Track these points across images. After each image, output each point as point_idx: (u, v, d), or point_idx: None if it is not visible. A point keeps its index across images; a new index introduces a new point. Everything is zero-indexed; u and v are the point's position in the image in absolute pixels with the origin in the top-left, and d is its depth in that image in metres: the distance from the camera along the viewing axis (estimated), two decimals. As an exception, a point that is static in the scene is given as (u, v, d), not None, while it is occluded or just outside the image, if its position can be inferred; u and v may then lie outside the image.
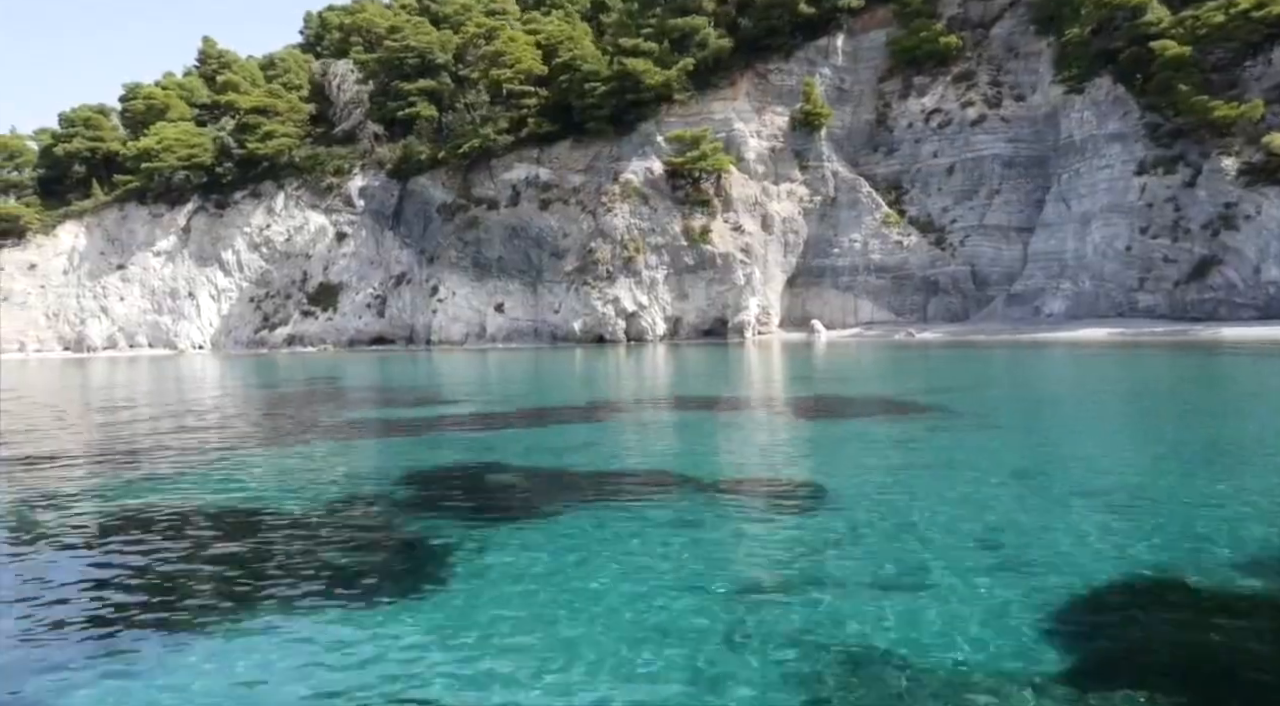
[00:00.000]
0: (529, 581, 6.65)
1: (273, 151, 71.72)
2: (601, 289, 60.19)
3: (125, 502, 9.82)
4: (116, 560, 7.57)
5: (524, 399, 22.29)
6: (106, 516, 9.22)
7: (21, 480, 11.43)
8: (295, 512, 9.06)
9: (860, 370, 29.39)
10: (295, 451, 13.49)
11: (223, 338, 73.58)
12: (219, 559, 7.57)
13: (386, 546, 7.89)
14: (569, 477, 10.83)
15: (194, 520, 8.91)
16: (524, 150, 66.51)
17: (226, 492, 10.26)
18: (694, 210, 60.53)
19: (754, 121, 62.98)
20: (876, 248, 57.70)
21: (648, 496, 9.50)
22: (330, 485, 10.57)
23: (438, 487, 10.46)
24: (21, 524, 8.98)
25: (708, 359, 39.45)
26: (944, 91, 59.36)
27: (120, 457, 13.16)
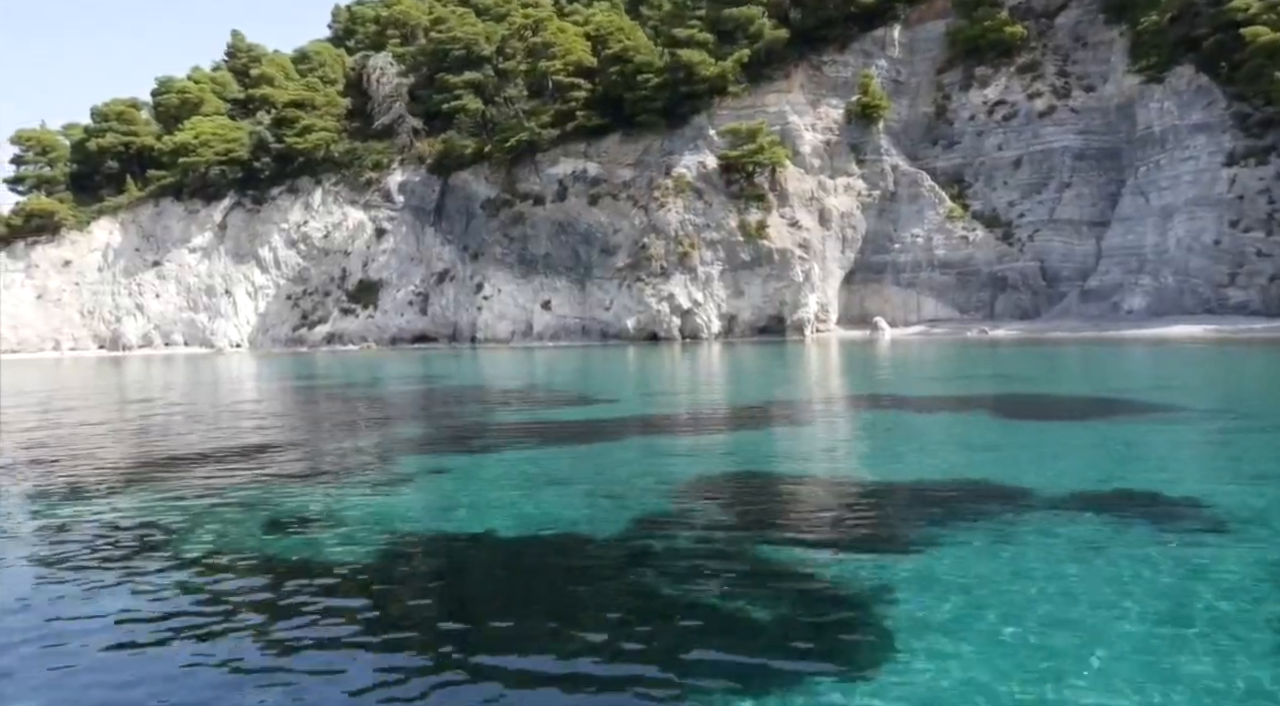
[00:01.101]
0: (1011, 622, 5.18)
1: (311, 146, 70.34)
2: (655, 285, 58.68)
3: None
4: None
5: (687, 397, 20.74)
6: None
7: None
8: (652, 550, 7.48)
9: (986, 367, 27.80)
10: (565, 465, 11.99)
11: (260, 336, 72.21)
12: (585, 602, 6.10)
13: (785, 590, 6.32)
14: (895, 491, 9.31)
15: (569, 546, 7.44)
16: (570, 144, 64.98)
17: (546, 520, 8.79)
18: (749, 205, 59.00)
19: (808, 114, 61.42)
20: (940, 243, 56.09)
21: (1029, 510, 7.97)
22: (639, 507, 9.04)
23: (767, 505, 8.92)
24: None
25: (791, 356, 37.92)
26: (1008, 83, 57.74)
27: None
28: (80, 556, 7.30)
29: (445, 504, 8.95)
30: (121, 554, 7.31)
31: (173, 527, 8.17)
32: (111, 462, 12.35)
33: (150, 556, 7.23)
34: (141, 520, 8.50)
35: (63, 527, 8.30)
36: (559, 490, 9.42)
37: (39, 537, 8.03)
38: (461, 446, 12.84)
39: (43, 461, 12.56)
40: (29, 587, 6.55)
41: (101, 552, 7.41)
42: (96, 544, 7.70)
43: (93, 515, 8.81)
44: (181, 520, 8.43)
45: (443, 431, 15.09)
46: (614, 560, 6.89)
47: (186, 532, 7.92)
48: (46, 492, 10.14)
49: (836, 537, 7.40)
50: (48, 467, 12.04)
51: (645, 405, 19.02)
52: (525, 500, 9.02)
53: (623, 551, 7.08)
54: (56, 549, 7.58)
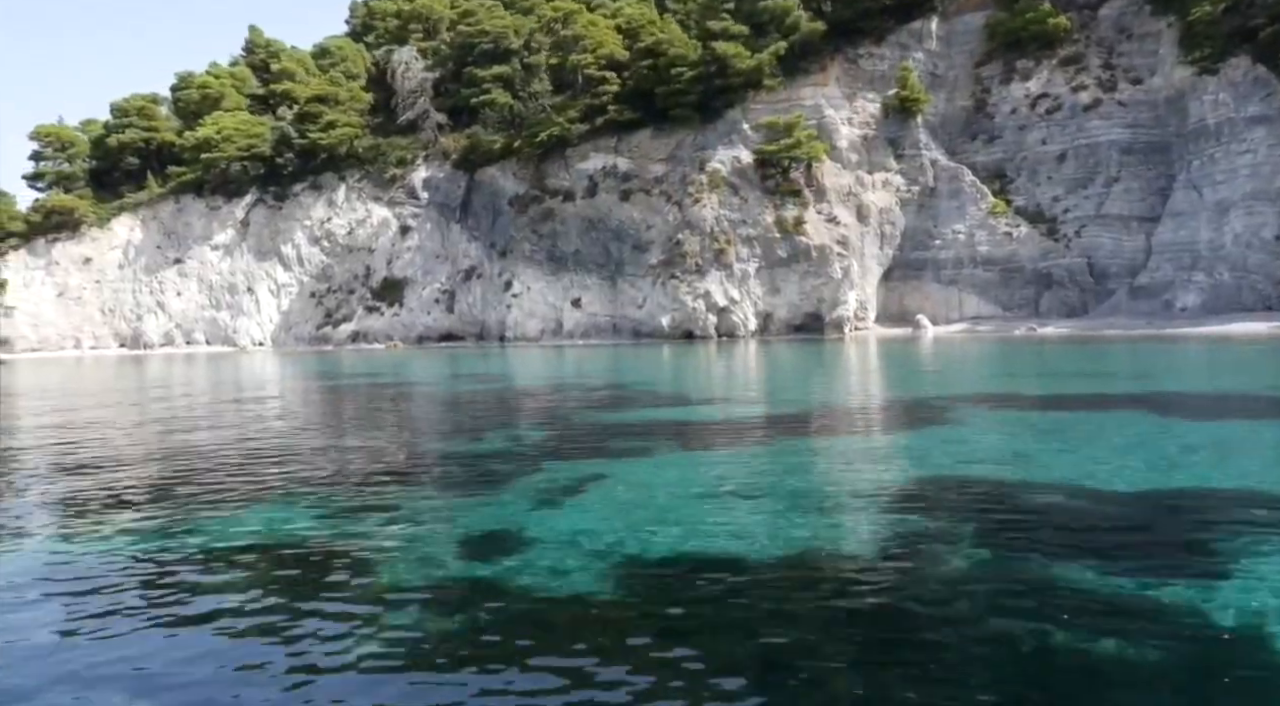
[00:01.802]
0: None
1: (336, 141, 69.32)
2: (691, 283, 57.60)
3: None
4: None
5: (792, 395, 19.59)
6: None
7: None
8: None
9: (1069, 364, 26.63)
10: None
11: (282, 334, 71.20)
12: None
13: (1153, 628, 5.21)
14: (1137, 500, 8.20)
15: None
16: (600, 139, 63.90)
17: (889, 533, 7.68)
18: (785, 201, 57.94)
19: (845, 108, 60.33)
20: (983, 239, 54.98)
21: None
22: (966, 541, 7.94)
23: (1015, 516, 7.81)
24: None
25: (843, 355, 36.81)
26: (1050, 75, 56.64)
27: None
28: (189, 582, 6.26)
29: (638, 516, 7.83)
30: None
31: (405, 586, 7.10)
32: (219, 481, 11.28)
33: (326, 595, 6.17)
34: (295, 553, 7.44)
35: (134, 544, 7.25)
36: (753, 502, 8.32)
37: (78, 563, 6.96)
38: (603, 451, 11.74)
39: (74, 469, 11.52)
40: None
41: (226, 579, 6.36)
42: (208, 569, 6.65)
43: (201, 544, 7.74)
44: (370, 552, 7.35)
45: (571, 433, 13.99)
46: (882, 588, 5.71)
47: (378, 567, 6.84)
48: (91, 506, 9.09)
49: (1140, 556, 6.30)
50: (82, 477, 11.00)
51: (758, 403, 17.88)
52: (721, 511, 7.90)
53: (891, 577, 5.92)
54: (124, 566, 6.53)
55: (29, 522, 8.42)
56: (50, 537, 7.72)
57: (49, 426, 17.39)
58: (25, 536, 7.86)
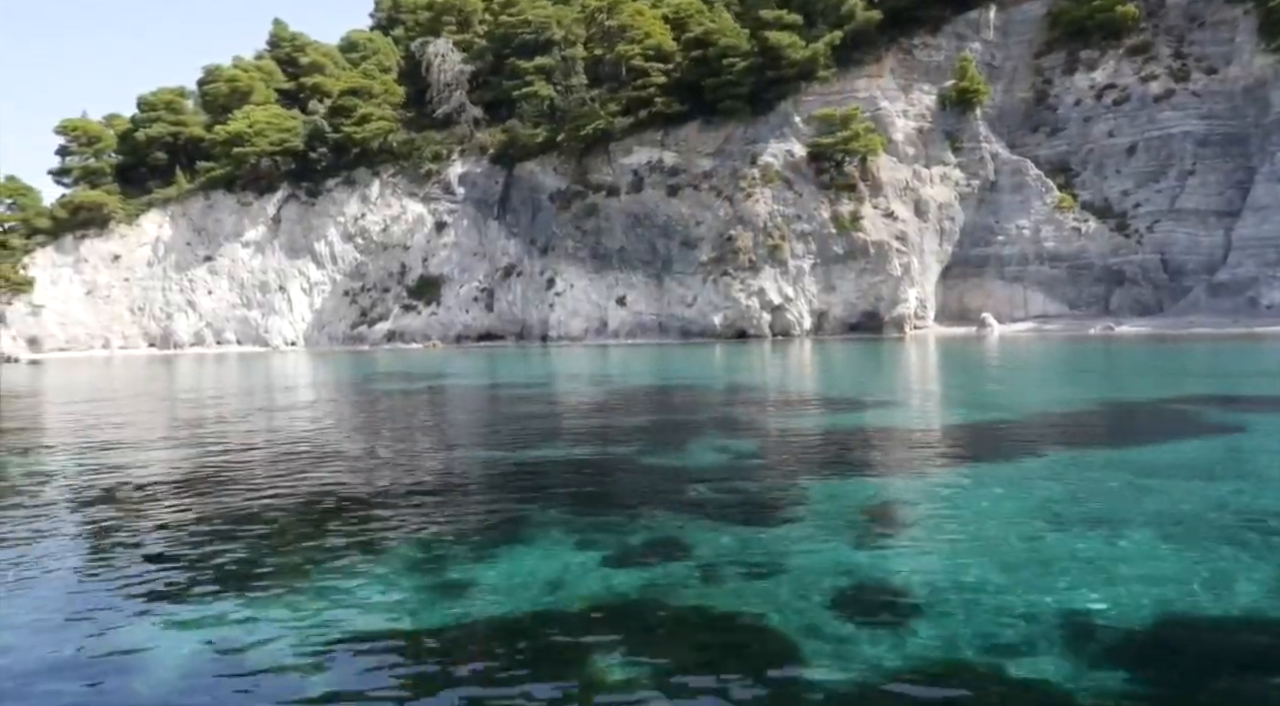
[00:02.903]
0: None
1: (370, 135, 67.61)
2: (744, 280, 55.80)
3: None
4: None
5: (997, 395, 17.84)
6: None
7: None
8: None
9: (1181, 364, 24.81)
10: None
11: (315, 333, 69.49)
12: None
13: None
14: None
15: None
16: (645, 133, 62.14)
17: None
18: (840, 196, 56.16)
19: (900, 100, 58.53)
20: (1050, 235, 53.12)
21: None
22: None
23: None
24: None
25: (923, 354, 34.99)
26: (1117, 65, 54.77)
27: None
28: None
29: (1006, 557, 6.03)
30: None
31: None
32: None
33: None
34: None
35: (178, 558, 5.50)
36: (1116, 530, 6.52)
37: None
38: (855, 465, 9.93)
39: (92, 496, 9.75)
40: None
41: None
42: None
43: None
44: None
45: (787, 444, 12.16)
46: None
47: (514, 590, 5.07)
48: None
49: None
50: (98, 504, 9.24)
51: (959, 406, 16.02)
52: (1101, 547, 6.10)
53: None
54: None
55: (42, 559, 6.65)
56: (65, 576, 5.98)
57: (79, 434, 15.62)
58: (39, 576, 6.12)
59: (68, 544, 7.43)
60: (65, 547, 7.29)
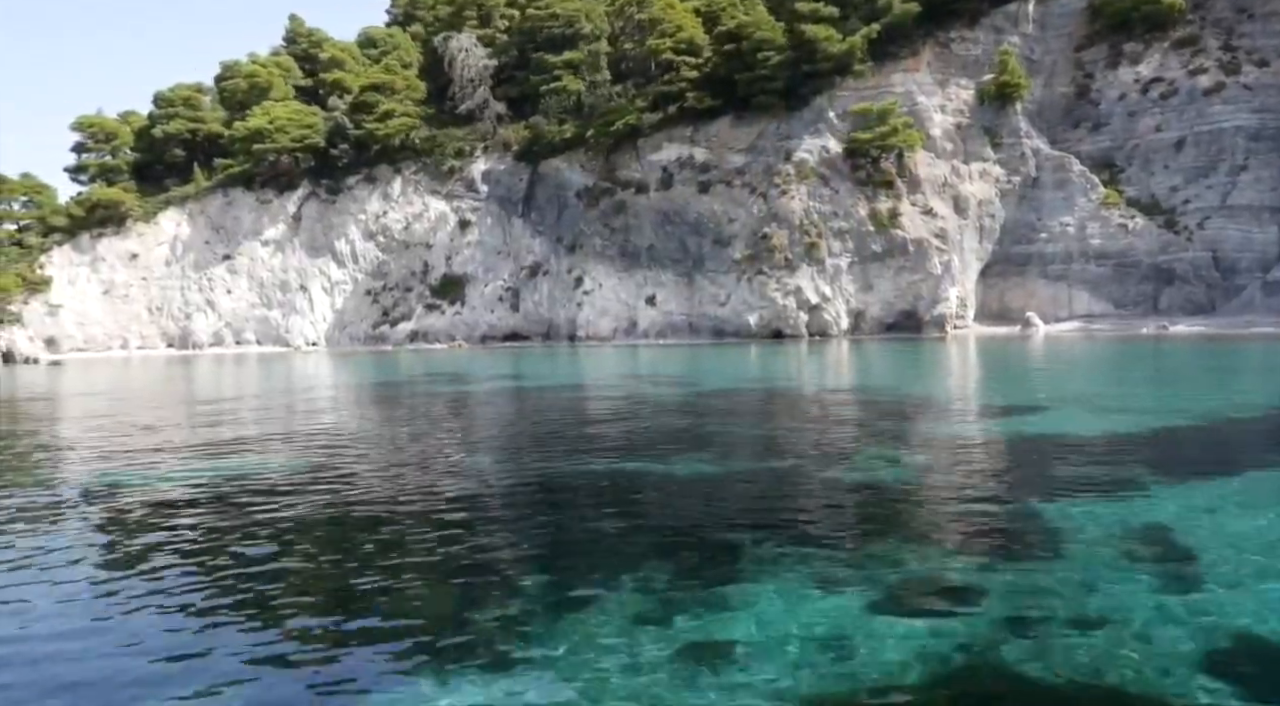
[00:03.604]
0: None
1: (392, 132, 66.29)
2: (780, 279, 54.52)
3: None
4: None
5: (1136, 401, 16.51)
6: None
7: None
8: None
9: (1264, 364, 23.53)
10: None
11: (337, 333, 68.20)
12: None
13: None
14: None
15: None
16: (675, 128, 60.87)
17: None
18: (877, 192, 54.87)
19: (937, 95, 57.24)
20: (1095, 232, 51.80)
21: None
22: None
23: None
24: None
25: (982, 354, 33.72)
26: (1163, 59, 53.49)
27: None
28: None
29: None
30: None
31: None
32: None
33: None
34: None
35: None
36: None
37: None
38: (1080, 486, 8.69)
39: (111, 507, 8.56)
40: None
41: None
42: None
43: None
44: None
45: (975, 459, 10.90)
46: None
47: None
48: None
49: None
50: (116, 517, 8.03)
51: (1119, 410, 14.72)
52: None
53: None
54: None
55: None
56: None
57: (100, 441, 14.37)
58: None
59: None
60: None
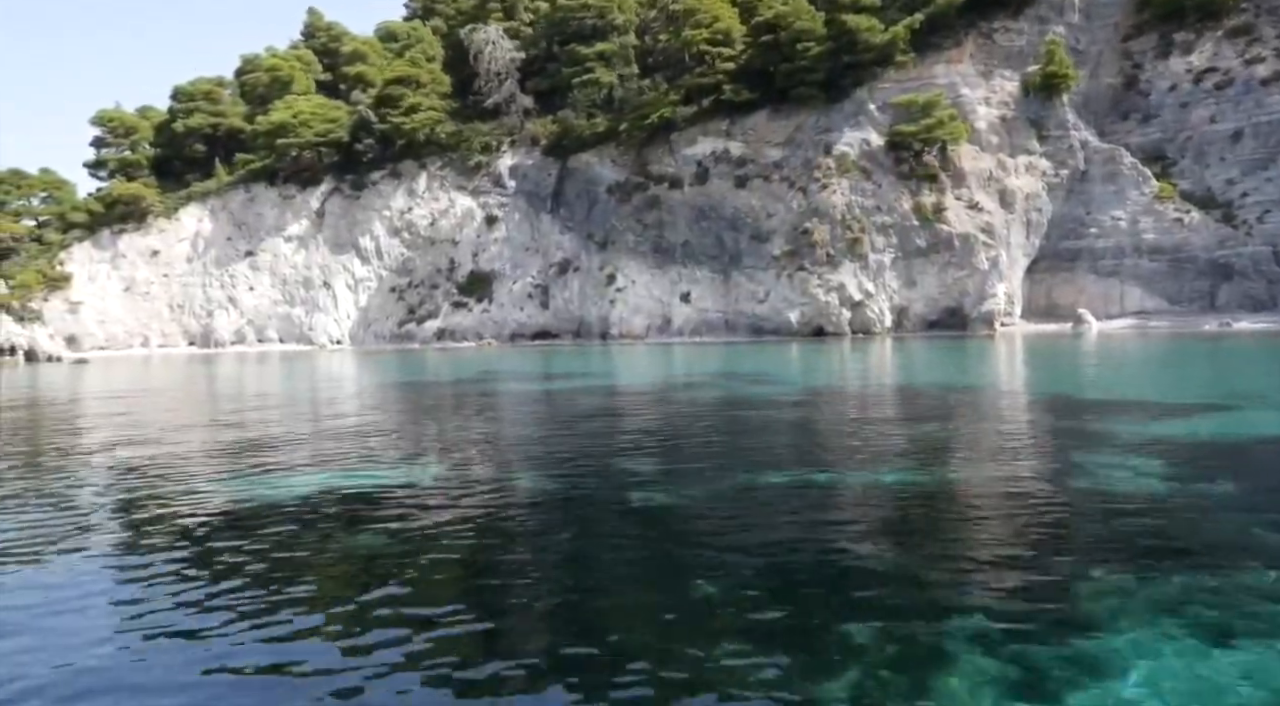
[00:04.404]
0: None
1: (418, 126, 64.94)
2: (822, 275, 53.10)
3: None
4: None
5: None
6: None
7: None
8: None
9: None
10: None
11: (361, 331, 66.88)
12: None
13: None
14: None
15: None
16: (710, 122, 59.49)
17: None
18: (920, 186, 53.45)
19: (981, 87, 55.78)
20: (1149, 226, 50.31)
21: None
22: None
23: None
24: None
25: (1050, 353, 32.30)
26: (1217, 48, 51.96)
27: None
28: None
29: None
30: None
31: None
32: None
33: None
34: None
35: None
36: None
37: None
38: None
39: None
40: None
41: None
42: None
43: None
44: None
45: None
46: None
47: None
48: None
49: None
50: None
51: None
52: None
53: None
54: None
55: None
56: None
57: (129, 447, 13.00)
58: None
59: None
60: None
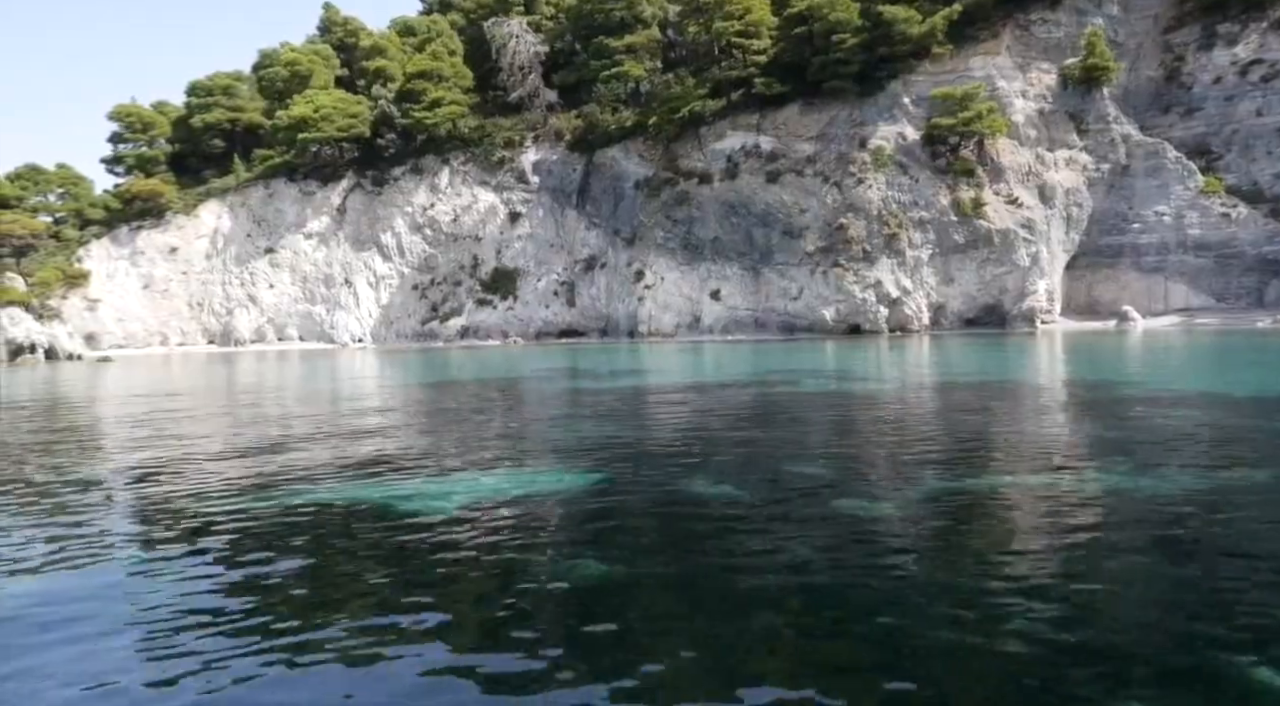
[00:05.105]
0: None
1: (441, 120, 63.90)
2: (858, 271, 52.02)
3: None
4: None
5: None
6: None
7: None
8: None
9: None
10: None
11: (383, 330, 65.88)
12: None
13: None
14: None
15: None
16: (739, 116, 58.43)
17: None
18: (958, 181, 52.36)
19: (1018, 79, 54.68)
20: (1194, 222, 49.22)
21: None
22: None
23: None
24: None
25: (1105, 351, 31.20)
26: (1263, 39, 50.87)
27: None
28: None
29: None
30: None
31: None
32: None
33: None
34: None
35: None
36: None
37: None
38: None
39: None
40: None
41: None
42: None
43: None
44: None
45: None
46: None
47: None
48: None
49: None
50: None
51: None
52: None
53: None
54: None
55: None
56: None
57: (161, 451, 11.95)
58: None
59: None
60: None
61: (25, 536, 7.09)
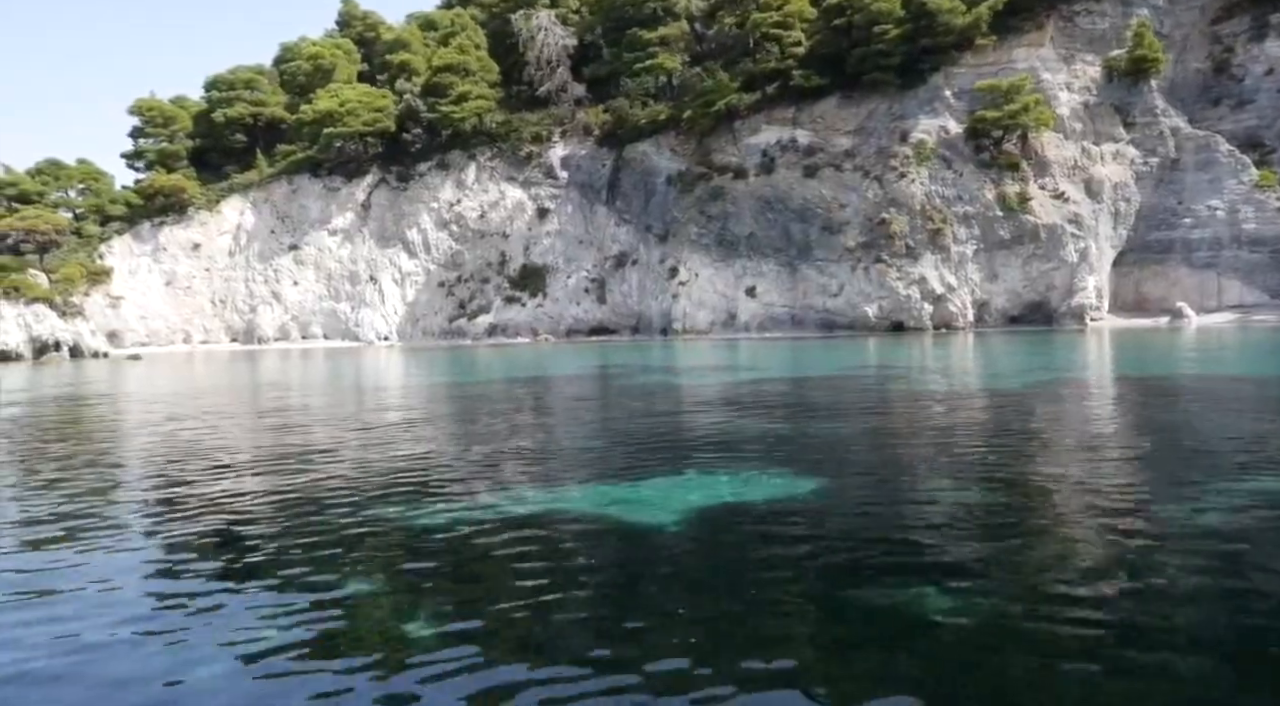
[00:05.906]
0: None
1: (468, 115, 62.72)
2: (901, 267, 50.84)
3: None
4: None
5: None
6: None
7: None
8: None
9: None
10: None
11: (409, 327, 64.74)
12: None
13: None
14: None
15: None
16: (775, 109, 57.21)
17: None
18: (1003, 175, 51.18)
19: (1063, 72, 53.51)
20: (1249, 216, 48.02)
21: None
22: None
23: None
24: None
25: (1168, 347, 30.01)
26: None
27: None
28: None
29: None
30: None
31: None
32: None
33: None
34: None
35: None
36: None
37: None
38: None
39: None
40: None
41: None
42: None
43: None
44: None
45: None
46: None
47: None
48: None
49: None
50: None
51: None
52: None
53: None
54: None
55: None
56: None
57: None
58: None
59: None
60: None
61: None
